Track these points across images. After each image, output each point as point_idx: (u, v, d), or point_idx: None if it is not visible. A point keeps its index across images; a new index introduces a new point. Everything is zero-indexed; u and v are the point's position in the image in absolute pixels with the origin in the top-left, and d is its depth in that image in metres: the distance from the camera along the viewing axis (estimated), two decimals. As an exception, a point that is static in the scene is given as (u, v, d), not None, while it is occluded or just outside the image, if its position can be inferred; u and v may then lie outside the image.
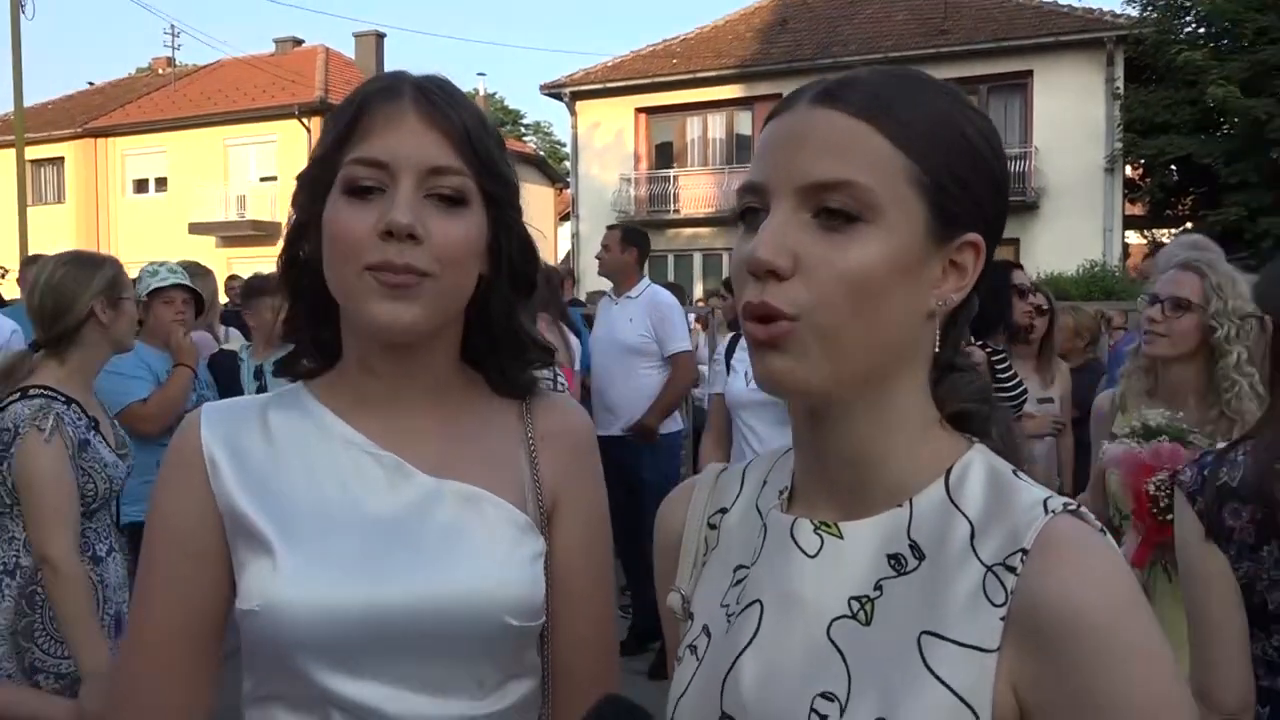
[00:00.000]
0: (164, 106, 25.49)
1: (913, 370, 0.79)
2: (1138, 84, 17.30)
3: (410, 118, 0.97)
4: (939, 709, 0.70)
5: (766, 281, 0.73)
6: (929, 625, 0.73)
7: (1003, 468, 0.79)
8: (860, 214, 0.72)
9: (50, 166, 25.95)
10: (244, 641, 1.01)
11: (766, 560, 0.83)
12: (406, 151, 0.96)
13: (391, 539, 0.99)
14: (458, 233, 0.98)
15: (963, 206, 0.76)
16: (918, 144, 0.74)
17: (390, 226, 0.94)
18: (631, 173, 21.15)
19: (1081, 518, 0.74)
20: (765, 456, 0.94)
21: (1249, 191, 15.63)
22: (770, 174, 0.75)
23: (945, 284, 0.77)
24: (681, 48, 21.19)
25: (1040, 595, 0.69)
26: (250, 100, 24.01)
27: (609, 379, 4.84)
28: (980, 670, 0.70)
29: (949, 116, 0.76)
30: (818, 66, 18.03)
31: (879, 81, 0.77)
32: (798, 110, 0.76)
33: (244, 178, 24.22)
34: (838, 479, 0.80)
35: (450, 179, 0.97)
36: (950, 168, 0.75)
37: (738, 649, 0.80)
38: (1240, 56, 15.65)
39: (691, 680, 0.84)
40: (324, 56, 25.34)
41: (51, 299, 2.46)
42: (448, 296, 0.99)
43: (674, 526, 0.95)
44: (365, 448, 1.03)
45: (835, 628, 0.77)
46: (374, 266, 0.94)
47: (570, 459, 1.11)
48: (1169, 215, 19.07)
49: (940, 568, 0.74)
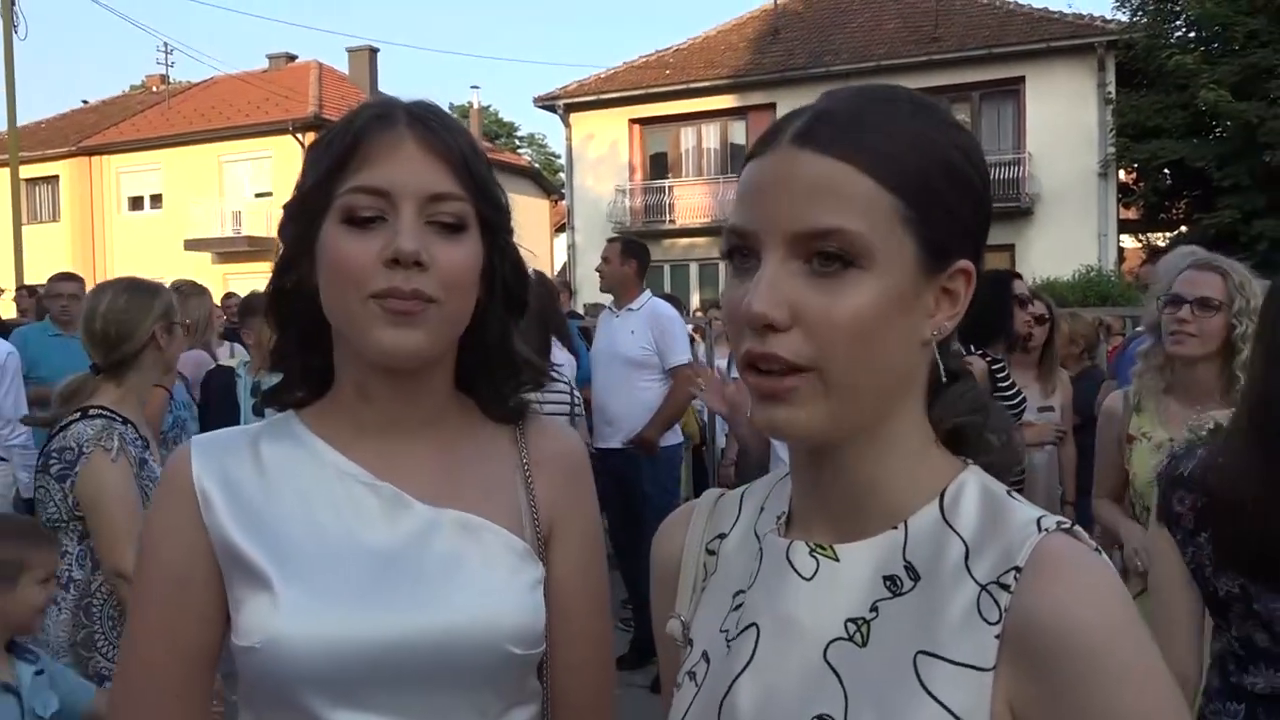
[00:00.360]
0: (158, 124, 25.53)
1: (909, 398, 0.79)
2: (1129, 89, 17.38)
3: (408, 145, 0.97)
4: None
5: (765, 334, 0.73)
6: (925, 645, 0.73)
7: (996, 488, 0.79)
8: (852, 259, 0.72)
9: (45, 185, 25.96)
10: (242, 678, 1.00)
11: (763, 583, 0.83)
12: (406, 179, 0.96)
13: (391, 571, 0.98)
14: (461, 258, 0.98)
15: (952, 235, 0.76)
16: (901, 179, 0.73)
17: (398, 255, 0.94)
18: (626, 184, 21.19)
19: (1075, 535, 0.74)
20: (763, 482, 0.94)
21: (1242, 194, 15.68)
22: (759, 221, 0.75)
23: (939, 313, 0.77)
24: (675, 58, 21.26)
25: (1034, 612, 0.69)
26: (244, 116, 24.05)
27: (610, 391, 4.83)
28: (977, 689, 0.70)
29: (928, 140, 0.76)
30: (810, 76, 18.11)
31: (856, 112, 0.76)
32: (779, 151, 0.75)
33: (239, 194, 24.23)
34: (834, 502, 0.81)
35: (451, 205, 0.98)
36: (936, 198, 0.75)
37: (734, 672, 0.80)
38: (1231, 60, 15.72)
39: (690, 706, 0.84)
40: (317, 72, 25.40)
41: (114, 326, 2.55)
42: (451, 323, 1.00)
43: (672, 552, 0.94)
44: (360, 478, 1.02)
45: (832, 650, 0.77)
46: (379, 294, 0.94)
47: (565, 483, 1.11)
48: (1163, 219, 19.12)
49: (935, 588, 0.74)
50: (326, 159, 0.99)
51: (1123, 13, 18.09)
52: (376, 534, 1.00)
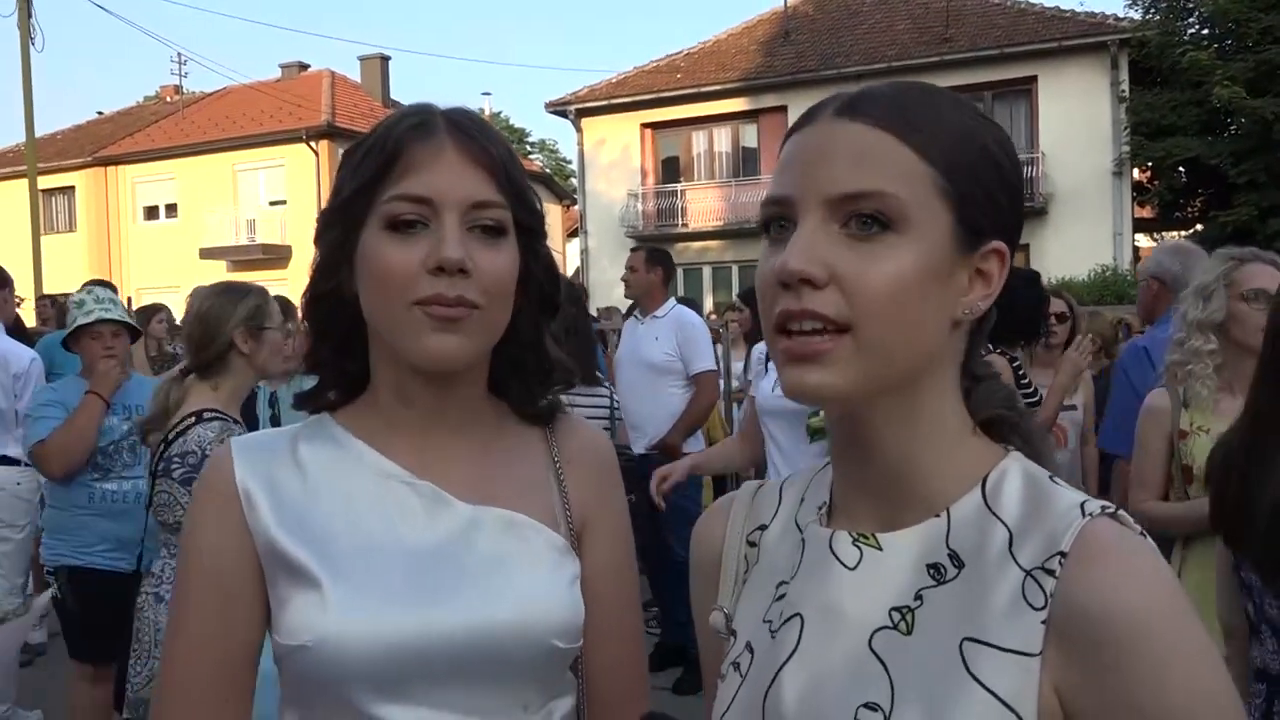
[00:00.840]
0: (172, 134, 25.71)
1: (942, 379, 0.79)
2: (1142, 87, 17.29)
3: (449, 153, 0.99)
4: (984, 715, 0.70)
5: (801, 290, 0.73)
6: (970, 632, 0.73)
7: (1039, 473, 0.79)
8: (889, 224, 0.73)
9: (61, 196, 26.18)
10: (287, 676, 1.00)
11: (806, 573, 0.83)
12: (448, 187, 0.98)
13: (437, 568, 1.00)
14: (502, 264, 1.00)
15: (987, 216, 0.77)
16: (942, 155, 0.75)
17: (443, 263, 0.96)
18: (638, 188, 21.21)
19: (1120, 520, 0.73)
20: (803, 473, 0.94)
21: (1259, 191, 15.57)
22: (797, 187, 0.76)
23: (972, 292, 0.77)
24: (685, 62, 21.28)
25: (1080, 597, 0.69)
26: (258, 125, 24.21)
27: (634, 397, 4.87)
28: (1024, 674, 0.70)
29: (968, 128, 0.77)
30: (822, 78, 18.09)
31: (897, 94, 0.78)
32: (820, 123, 0.77)
33: (253, 202, 24.40)
34: (875, 491, 0.81)
35: (492, 212, 1.00)
36: (974, 178, 0.76)
37: (779, 662, 0.80)
38: (1245, 57, 15.62)
39: (735, 696, 0.84)
40: (330, 80, 25.54)
41: (200, 328, 2.62)
42: (491, 328, 1.02)
43: (712, 545, 0.95)
44: (401, 477, 1.03)
45: (877, 639, 0.77)
46: (424, 301, 0.96)
47: (595, 480, 1.12)
48: (1178, 217, 19.00)
49: (979, 575, 0.75)
50: (367, 167, 1.00)
51: (1135, 10, 18.01)
52: (419, 532, 1.01)
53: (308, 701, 1.00)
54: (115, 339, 3.59)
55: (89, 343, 3.56)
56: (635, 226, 20.69)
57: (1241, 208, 15.61)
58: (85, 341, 3.56)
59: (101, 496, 3.47)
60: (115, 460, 3.51)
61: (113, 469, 3.51)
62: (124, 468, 3.52)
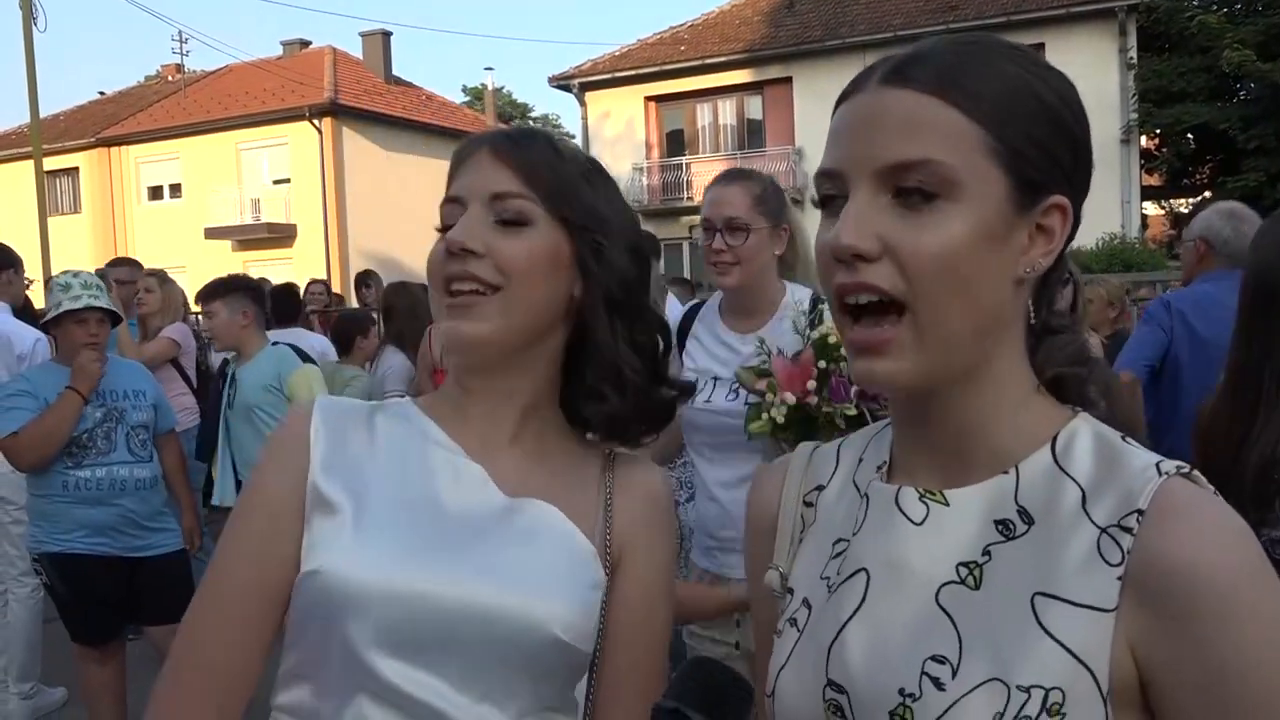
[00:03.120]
0: (175, 113, 25.64)
1: (1009, 339, 0.79)
2: (1151, 53, 17.13)
3: (484, 158, 1.07)
4: (1055, 668, 0.70)
5: (855, 264, 0.73)
6: (1042, 587, 0.73)
7: (1110, 434, 0.78)
8: (939, 191, 0.72)
9: (65, 177, 26.16)
10: (295, 613, 1.02)
11: (871, 530, 0.83)
12: (474, 184, 1.06)
13: (460, 538, 1.02)
14: (519, 247, 1.04)
15: (1043, 170, 0.75)
16: (991, 113, 0.73)
17: (448, 244, 1.03)
18: (643, 161, 21.12)
19: (1195, 480, 0.73)
20: (861, 434, 0.94)
21: (1269, 157, 15.47)
22: (846, 159, 0.76)
23: (1033, 249, 0.76)
24: (689, 34, 21.12)
25: (1159, 555, 0.69)
26: (261, 103, 24.11)
27: None
28: (1099, 629, 0.70)
29: (1020, 80, 0.75)
30: (827, 48, 17.93)
31: (947, 52, 0.76)
32: (867, 91, 0.77)
33: (257, 181, 24.34)
34: (940, 448, 0.81)
35: (511, 202, 1.05)
36: (1027, 133, 0.74)
37: (843, 618, 0.80)
38: (1255, 20, 15.46)
39: (794, 650, 0.84)
40: (332, 57, 25.41)
41: None
42: (518, 309, 1.04)
43: (768, 506, 0.95)
44: (456, 454, 1.08)
45: (944, 593, 0.77)
46: (446, 287, 1.04)
47: (645, 512, 1.12)
48: (1186, 184, 18.88)
49: (1051, 531, 0.74)
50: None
51: (1144, -24, 17.80)
52: (456, 504, 1.05)
53: (305, 641, 1.01)
54: (100, 327, 3.52)
55: (73, 328, 3.46)
56: (641, 200, 20.61)
57: (1250, 174, 15.50)
58: (69, 326, 3.46)
59: (76, 484, 3.41)
60: (89, 449, 3.44)
61: (86, 457, 3.43)
62: (98, 455, 3.44)
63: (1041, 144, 0.75)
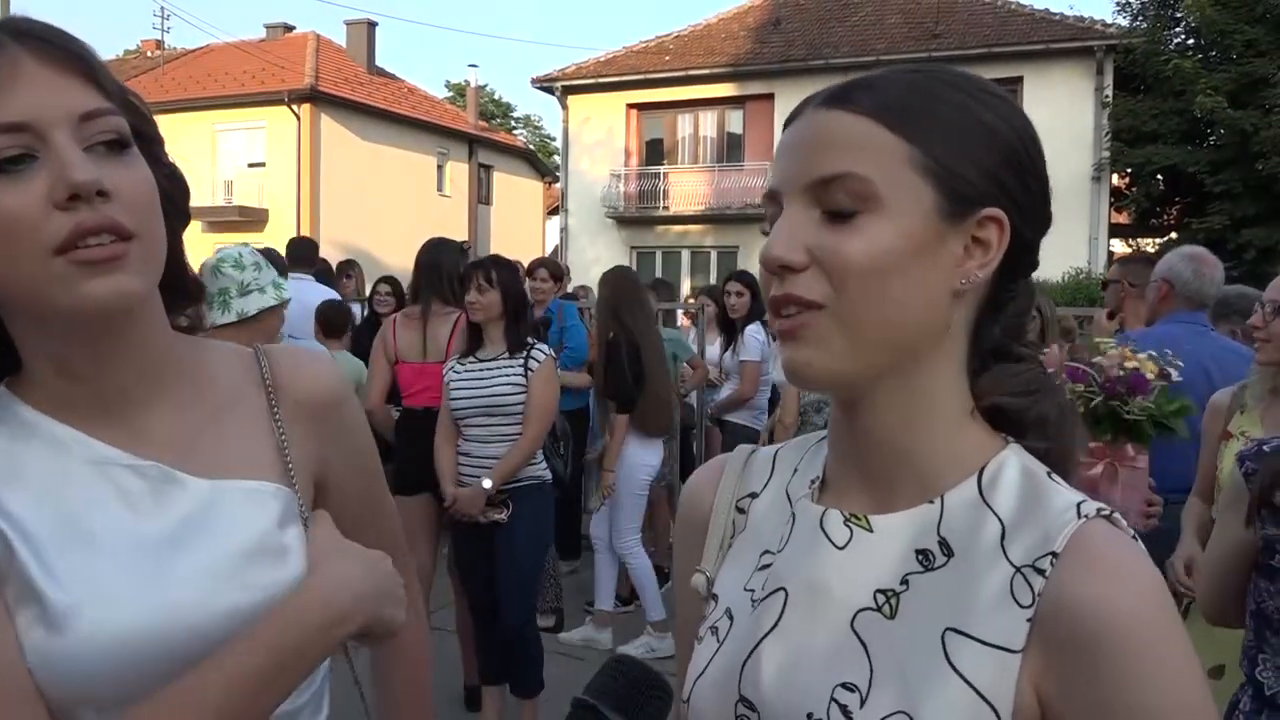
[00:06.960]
0: (152, 90, 25.26)
1: (943, 354, 0.79)
2: (1126, 93, 17.41)
3: (28, 65, 0.81)
4: (960, 705, 0.70)
5: (784, 276, 0.75)
6: (954, 623, 0.73)
7: (1037, 469, 0.78)
8: (861, 205, 0.74)
9: (35, 147, 25.68)
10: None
11: (794, 549, 0.83)
12: (45, 104, 0.81)
13: (172, 557, 0.88)
14: (140, 178, 0.85)
15: (977, 185, 0.76)
16: (925, 132, 0.75)
17: (75, 189, 0.79)
18: (621, 168, 21.14)
19: (1114, 523, 0.74)
20: (797, 443, 0.94)
21: (1233, 201, 15.77)
22: (781, 178, 0.78)
23: (969, 261, 0.77)
24: (675, 44, 21.19)
25: (1068, 599, 0.69)
26: (240, 86, 23.85)
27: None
28: (1004, 669, 0.70)
29: (962, 103, 0.77)
30: (810, 68, 18.07)
31: (891, 78, 0.78)
32: (806, 115, 0.79)
33: (232, 163, 24.07)
34: (869, 468, 0.81)
35: (107, 121, 0.84)
36: (962, 150, 0.75)
37: (759, 635, 0.81)
38: (1228, 68, 15.78)
39: (711, 660, 0.84)
40: (314, 43, 25.22)
41: None
42: (154, 256, 0.86)
43: (701, 507, 0.95)
44: (119, 460, 0.89)
45: (859, 619, 0.77)
46: (65, 246, 0.79)
47: (322, 427, 1.02)
48: (1154, 224, 19.19)
49: (969, 566, 0.75)
50: None
51: (1123, 17, 18.14)
52: (149, 521, 0.88)
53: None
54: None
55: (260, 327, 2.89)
56: (616, 207, 20.63)
57: (1215, 216, 15.79)
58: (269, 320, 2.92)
59: None
60: None
61: None
62: None
63: (979, 162, 0.76)
